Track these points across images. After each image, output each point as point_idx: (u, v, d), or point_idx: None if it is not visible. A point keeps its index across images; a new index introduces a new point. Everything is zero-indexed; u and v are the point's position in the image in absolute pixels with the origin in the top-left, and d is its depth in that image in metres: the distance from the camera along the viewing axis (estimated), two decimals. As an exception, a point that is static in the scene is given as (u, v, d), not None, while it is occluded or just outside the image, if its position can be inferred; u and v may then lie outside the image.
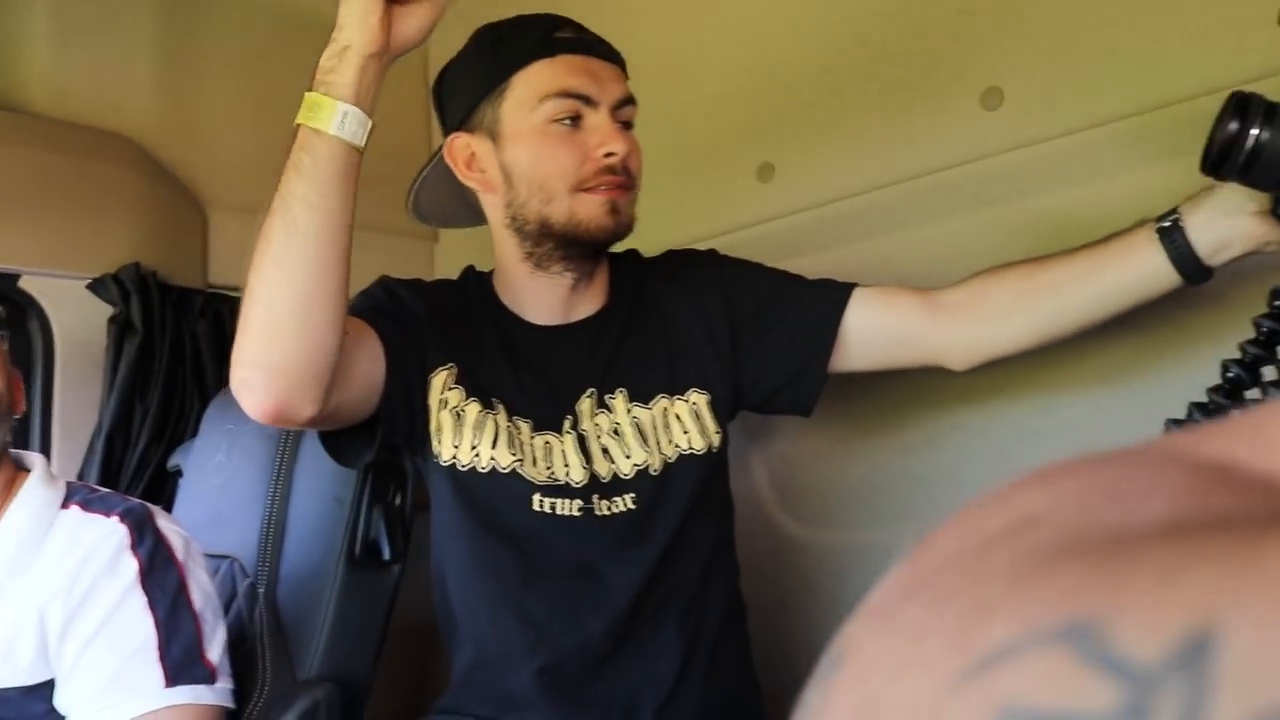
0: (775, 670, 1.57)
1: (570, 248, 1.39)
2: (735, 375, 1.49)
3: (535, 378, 1.42)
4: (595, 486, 1.37)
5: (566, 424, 1.40)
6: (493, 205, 1.43)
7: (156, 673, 1.32)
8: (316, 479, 1.79)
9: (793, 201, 1.97)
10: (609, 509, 1.37)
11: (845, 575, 1.82)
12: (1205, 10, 1.46)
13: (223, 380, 2.28)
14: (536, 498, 1.35)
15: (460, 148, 1.41)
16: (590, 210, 1.34)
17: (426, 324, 1.39)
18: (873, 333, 1.46)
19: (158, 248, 2.30)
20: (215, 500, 1.90)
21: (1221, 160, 1.04)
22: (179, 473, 2.09)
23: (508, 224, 1.41)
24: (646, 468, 1.39)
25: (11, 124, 2.19)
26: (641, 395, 1.44)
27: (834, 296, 1.47)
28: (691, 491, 1.41)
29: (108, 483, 2.08)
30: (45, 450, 2.12)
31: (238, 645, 1.69)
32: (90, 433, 2.16)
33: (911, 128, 1.79)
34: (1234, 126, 1.02)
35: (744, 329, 1.50)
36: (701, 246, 2.01)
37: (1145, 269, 1.24)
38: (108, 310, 2.21)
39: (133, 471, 2.15)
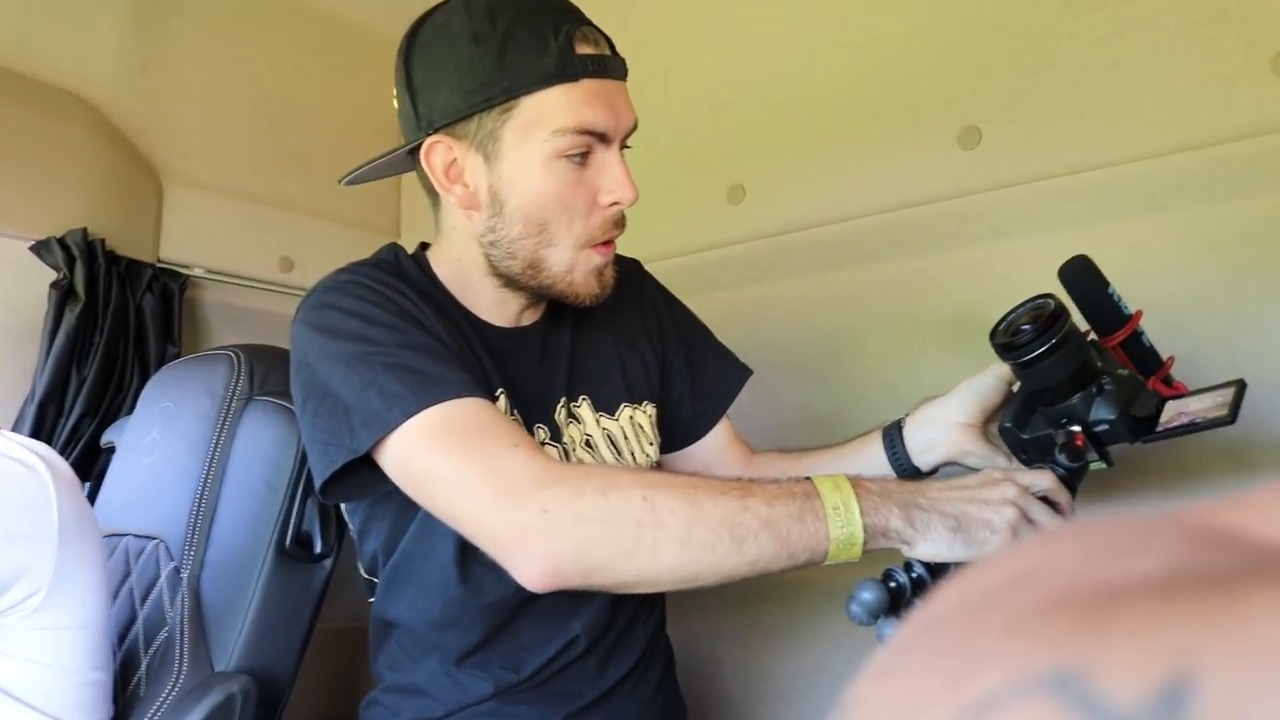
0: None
1: (545, 294, 1.31)
2: (662, 397, 1.51)
3: (505, 382, 1.31)
4: None
5: (542, 434, 1.31)
6: (471, 221, 1.27)
7: None
8: (251, 463, 1.73)
9: (763, 225, 1.95)
10: None
11: (783, 607, 1.80)
12: (1191, 65, 1.46)
13: (165, 357, 2.22)
14: None
15: (441, 153, 1.23)
16: (584, 274, 1.26)
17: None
18: (701, 462, 1.52)
19: (108, 216, 2.23)
20: (145, 479, 1.83)
21: (1010, 348, 1.13)
22: (112, 449, 2.03)
23: (485, 246, 1.27)
24: None
25: (-36, 73, 2.13)
26: (606, 405, 1.40)
27: (729, 388, 1.54)
28: None
29: (35, 452, 2.01)
30: (-28, 413, 2.05)
31: (156, 630, 1.63)
32: (22, 399, 2.08)
33: (887, 161, 1.77)
34: (1036, 331, 1.11)
35: (671, 372, 1.52)
36: (668, 265, 1.99)
37: (868, 463, 1.34)
38: (50, 275, 2.13)
39: (63, 444, 2.07)
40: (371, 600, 1.40)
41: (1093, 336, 1.18)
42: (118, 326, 2.18)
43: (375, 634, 1.40)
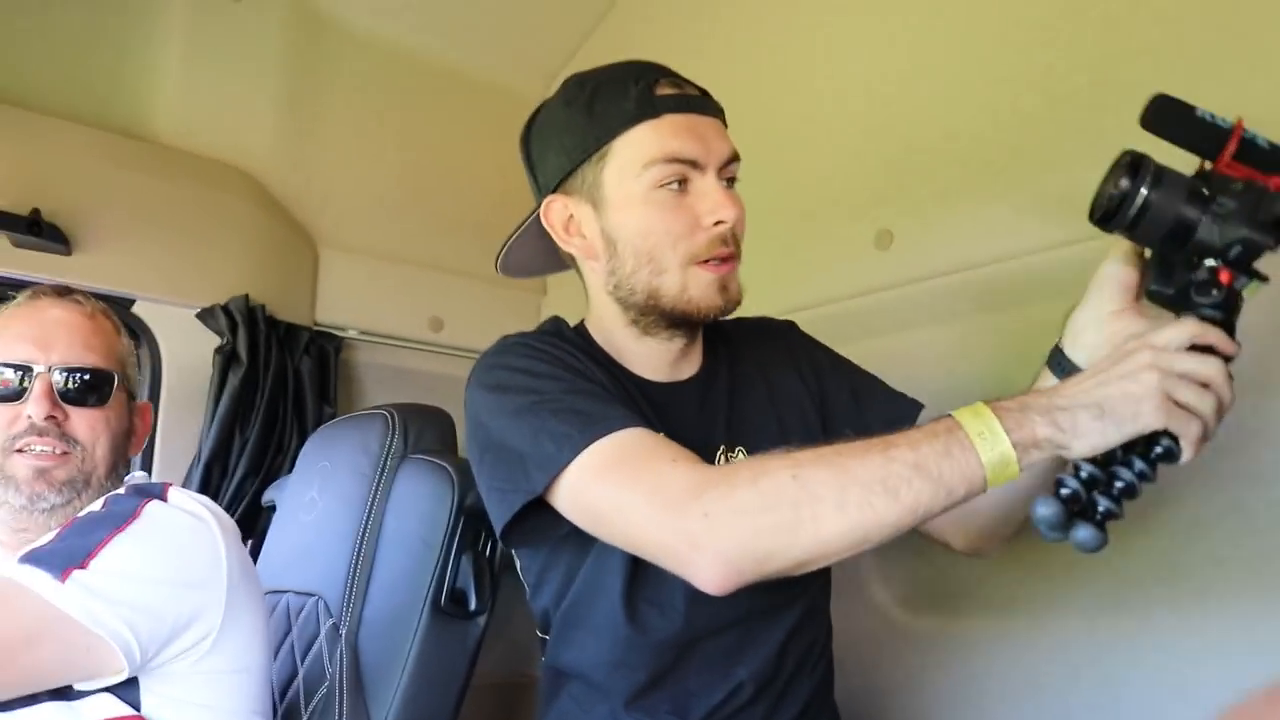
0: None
1: (679, 321, 1.33)
2: None
3: (666, 431, 1.30)
4: None
5: None
6: (594, 271, 1.37)
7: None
8: (406, 521, 1.77)
9: (912, 271, 1.91)
10: None
11: (948, 665, 1.74)
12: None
13: (322, 417, 2.29)
14: None
15: (558, 211, 1.34)
16: (702, 288, 1.29)
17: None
18: None
19: (268, 282, 2.33)
20: (305, 537, 1.89)
21: (1110, 215, 1.08)
22: (272, 508, 2.09)
23: (611, 291, 1.34)
24: None
25: (137, 152, 2.26)
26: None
27: (902, 420, 1.45)
28: None
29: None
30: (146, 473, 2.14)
31: (317, 685, 1.67)
32: (190, 460, 2.17)
33: (1040, 199, 1.72)
34: (1125, 184, 1.07)
35: (837, 411, 1.48)
36: (814, 314, 1.96)
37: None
38: (215, 340, 2.23)
39: (227, 502, 2.15)
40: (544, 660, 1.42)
41: (1207, 167, 1.09)
42: (278, 388, 2.26)
43: (545, 688, 1.42)
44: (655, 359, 1.38)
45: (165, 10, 2.34)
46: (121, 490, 1.38)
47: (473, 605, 1.72)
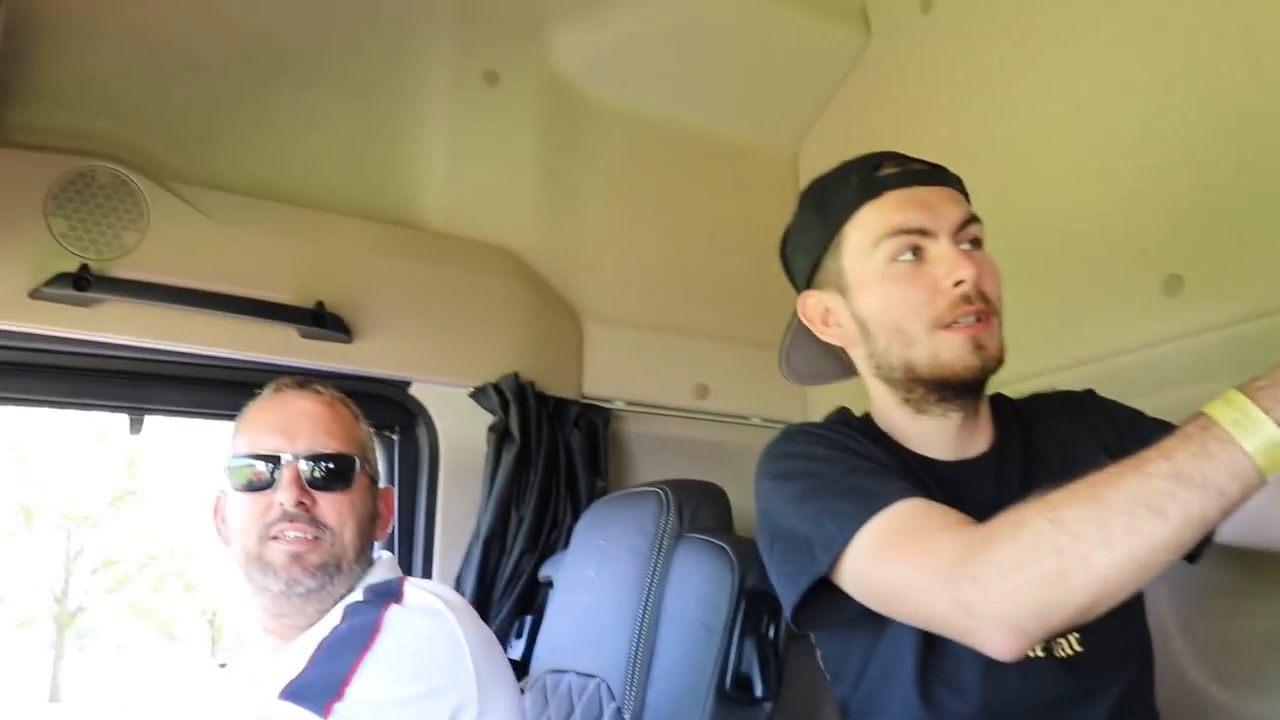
0: None
1: (943, 390, 1.31)
2: None
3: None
4: None
5: None
6: (858, 358, 1.40)
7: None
8: (686, 603, 1.75)
9: (1206, 318, 1.76)
10: (1064, 650, 1.26)
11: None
12: None
13: (594, 491, 2.31)
14: None
15: (813, 306, 1.41)
16: (954, 351, 1.26)
17: None
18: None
19: (535, 358, 2.38)
20: (584, 617, 1.90)
21: None
22: (549, 584, 2.11)
23: (875, 373, 1.37)
24: None
25: (409, 240, 2.37)
26: None
27: None
28: (1134, 632, 1.34)
29: (482, 589, 2.14)
30: (428, 554, 2.22)
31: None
32: (469, 538, 2.22)
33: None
34: None
35: None
36: (1095, 369, 1.84)
37: None
38: (488, 418, 2.29)
39: (506, 580, 2.19)
40: None
41: None
42: (550, 464, 2.29)
43: None
44: (937, 436, 1.36)
45: (430, 102, 2.45)
46: (360, 596, 1.41)
47: (758, 691, 1.67)
